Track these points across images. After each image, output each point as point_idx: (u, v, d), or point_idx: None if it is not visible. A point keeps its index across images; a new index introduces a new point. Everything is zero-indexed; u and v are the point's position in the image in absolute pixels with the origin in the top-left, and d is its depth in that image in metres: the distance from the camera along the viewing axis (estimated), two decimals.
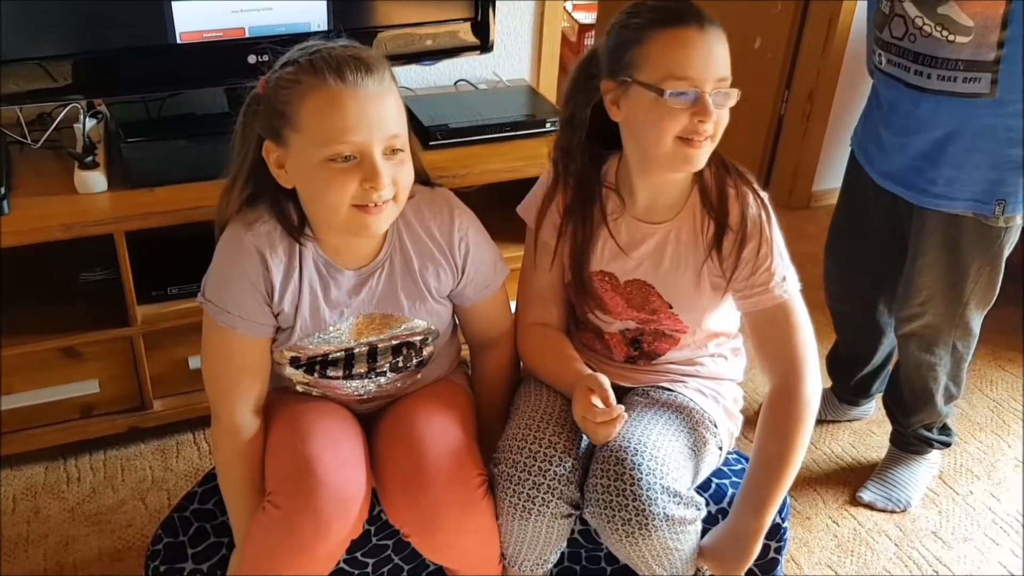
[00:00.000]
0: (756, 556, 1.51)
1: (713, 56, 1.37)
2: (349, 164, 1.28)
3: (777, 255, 1.51)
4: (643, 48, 1.38)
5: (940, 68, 1.71)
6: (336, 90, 1.26)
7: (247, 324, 1.40)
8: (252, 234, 1.37)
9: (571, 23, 4.44)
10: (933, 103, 1.75)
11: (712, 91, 1.36)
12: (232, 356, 1.43)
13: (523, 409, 1.54)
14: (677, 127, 1.38)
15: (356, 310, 1.45)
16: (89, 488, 2.11)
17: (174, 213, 1.91)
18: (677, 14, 1.37)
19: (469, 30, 2.21)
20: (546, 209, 1.57)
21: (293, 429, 1.46)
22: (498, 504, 1.46)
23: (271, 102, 1.30)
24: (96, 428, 2.11)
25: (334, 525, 1.38)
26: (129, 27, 1.89)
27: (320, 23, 2.04)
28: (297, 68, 1.28)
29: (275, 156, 1.33)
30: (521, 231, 1.63)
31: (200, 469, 2.15)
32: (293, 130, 1.29)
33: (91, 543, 1.97)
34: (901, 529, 2.14)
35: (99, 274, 2.11)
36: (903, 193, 1.88)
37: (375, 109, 1.27)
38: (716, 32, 1.38)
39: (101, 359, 2.04)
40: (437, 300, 1.50)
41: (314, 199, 1.34)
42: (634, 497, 1.39)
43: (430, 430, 1.48)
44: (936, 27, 1.68)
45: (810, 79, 3.24)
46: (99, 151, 2.00)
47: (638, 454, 1.41)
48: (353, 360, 1.51)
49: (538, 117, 2.31)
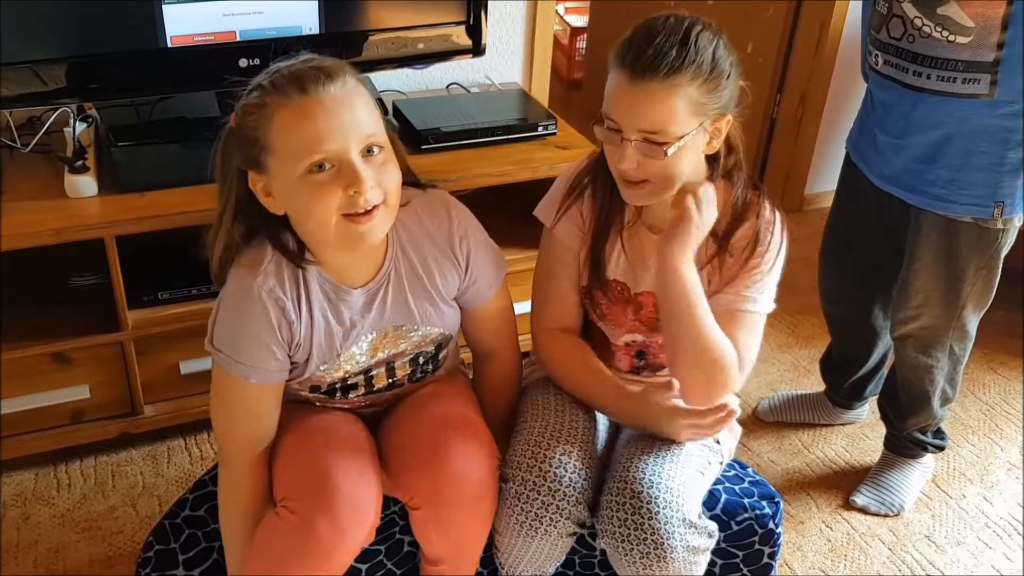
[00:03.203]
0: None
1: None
2: (329, 173, 1.26)
3: (765, 282, 1.50)
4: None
5: (939, 69, 1.71)
6: (300, 102, 1.25)
7: (261, 373, 1.38)
8: (261, 278, 1.35)
9: (563, 26, 4.45)
10: (931, 104, 1.75)
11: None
12: (247, 406, 1.42)
13: (531, 424, 1.53)
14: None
15: (370, 327, 1.44)
16: (80, 494, 2.09)
17: (165, 217, 1.90)
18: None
19: (461, 33, 2.20)
20: (567, 211, 1.56)
21: (306, 438, 1.46)
22: (504, 519, 1.46)
23: (243, 132, 1.29)
24: (87, 434, 2.10)
25: (350, 532, 1.38)
26: (119, 31, 1.88)
27: (312, 26, 2.03)
28: (261, 92, 1.27)
29: (261, 185, 1.31)
30: (516, 234, 1.63)
31: (191, 475, 2.14)
32: (269, 153, 1.27)
33: (82, 550, 1.96)
34: (894, 533, 2.14)
35: (89, 279, 2.10)
36: (901, 194, 1.88)
37: (343, 113, 1.26)
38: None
39: (92, 364, 2.03)
40: (447, 303, 1.50)
41: (303, 218, 1.32)
42: (652, 531, 1.39)
43: (448, 413, 1.50)
44: (936, 27, 1.68)
45: (802, 82, 3.24)
46: (89, 155, 1.99)
47: (654, 487, 1.41)
48: (373, 379, 1.51)
49: (530, 121, 2.30)
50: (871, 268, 2.10)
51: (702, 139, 1.42)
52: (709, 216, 1.44)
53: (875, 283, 2.13)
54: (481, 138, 2.24)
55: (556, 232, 1.57)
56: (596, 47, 4.02)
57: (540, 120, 2.30)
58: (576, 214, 1.56)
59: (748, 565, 1.59)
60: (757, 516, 1.55)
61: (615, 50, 1.39)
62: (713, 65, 1.37)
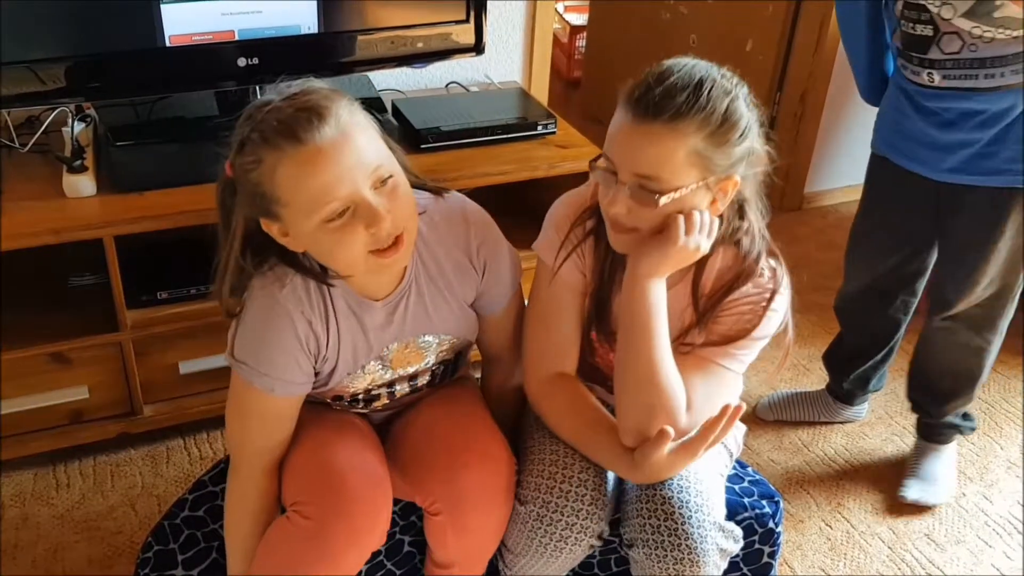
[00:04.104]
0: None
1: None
2: (346, 217, 1.24)
3: (754, 348, 1.42)
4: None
5: (1010, 64, 1.76)
6: (298, 154, 1.20)
7: (286, 386, 1.37)
8: (288, 290, 1.33)
9: (563, 25, 4.44)
10: (1004, 95, 1.80)
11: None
12: (267, 417, 1.41)
13: (547, 444, 1.49)
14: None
15: (392, 338, 1.44)
16: (79, 494, 2.09)
17: (164, 217, 1.90)
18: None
19: (461, 32, 2.20)
20: (572, 252, 1.46)
21: (317, 443, 1.45)
22: (524, 541, 1.44)
23: (245, 187, 1.26)
24: (86, 434, 2.10)
25: (364, 536, 1.39)
26: (118, 30, 1.88)
27: (310, 25, 2.03)
28: (253, 146, 1.23)
29: (277, 228, 1.29)
30: (515, 234, 1.61)
31: (190, 475, 2.14)
32: (280, 205, 1.25)
33: (81, 550, 1.96)
34: (894, 531, 2.14)
35: (88, 279, 2.10)
36: (971, 180, 1.90)
37: (346, 154, 1.22)
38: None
39: (91, 365, 2.03)
40: (465, 309, 1.49)
41: (329, 260, 1.31)
42: (686, 536, 1.37)
43: (462, 420, 1.50)
44: (998, 31, 1.73)
45: (802, 81, 3.24)
46: (88, 155, 1.99)
47: (683, 491, 1.40)
48: (395, 390, 1.52)
49: (530, 120, 2.30)
50: (906, 263, 2.13)
51: (703, 197, 1.32)
52: (697, 244, 1.33)
53: (906, 277, 2.17)
54: (480, 137, 2.24)
55: (561, 274, 1.46)
56: (596, 46, 4.02)
57: (540, 119, 2.30)
58: (578, 254, 1.47)
59: (748, 564, 1.58)
60: (757, 515, 1.55)
61: (625, 88, 1.31)
62: (724, 118, 1.27)
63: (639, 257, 1.35)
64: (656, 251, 1.33)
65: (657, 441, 1.33)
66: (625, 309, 1.37)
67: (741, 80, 1.34)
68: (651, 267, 1.34)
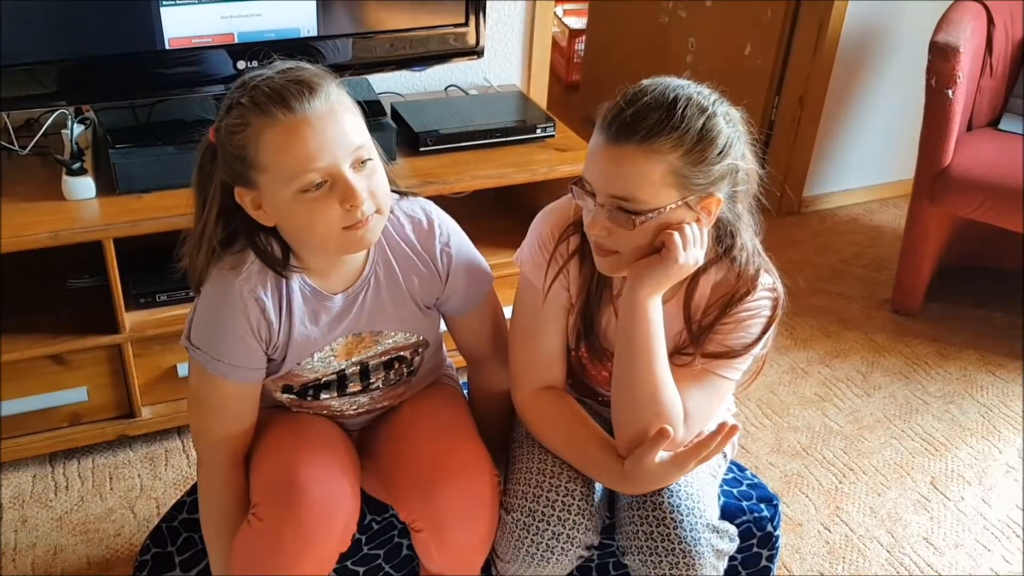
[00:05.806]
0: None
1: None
2: (323, 190, 1.25)
3: (748, 358, 1.42)
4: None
5: None
6: (287, 121, 1.22)
7: (240, 372, 1.38)
8: (244, 279, 1.34)
9: (562, 28, 4.45)
10: None
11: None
12: (226, 405, 1.41)
13: (535, 453, 1.48)
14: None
15: (346, 330, 1.44)
16: (77, 497, 2.09)
17: (162, 219, 1.90)
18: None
19: (460, 35, 2.20)
20: (556, 270, 1.44)
21: (279, 443, 1.45)
22: (512, 550, 1.43)
23: (227, 149, 1.27)
24: (84, 436, 2.10)
25: (318, 538, 1.37)
26: (117, 32, 1.88)
27: (310, 28, 2.03)
28: (242, 110, 1.25)
29: (250, 199, 1.30)
30: (514, 236, 1.61)
31: (189, 477, 2.14)
32: (259, 171, 1.26)
33: (79, 552, 1.96)
34: (892, 535, 2.14)
35: (87, 281, 2.10)
36: None
37: (331, 128, 1.24)
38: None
39: (89, 366, 2.03)
40: (424, 310, 1.49)
41: (301, 233, 1.32)
42: (680, 540, 1.38)
43: (442, 431, 1.49)
44: None
45: (801, 84, 3.24)
46: (87, 157, 1.99)
47: (674, 495, 1.40)
48: (346, 380, 1.50)
49: (529, 123, 2.30)
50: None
51: (685, 216, 1.30)
52: (696, 257, 1.32)
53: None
54: (479, 140, 2.24)
55: (545, 292, 1.45)
56: (594, 49, 4.02)
57: (538, 122, 2.30)
58: (571, 273, 1.45)
59: (746, 568, 1.59)
60: (755, 519, 1.55)
61: (600, 111, 1.30)
62: (700, 136, 1.25)
63: (639, 279, 1.33)
64: (659, 271, 1.32)
65: (653, 442, 1.34)
66: (624, 330, 1.36)
67: (721, 97, 1.32)
68: (653, 287, 1.33)
